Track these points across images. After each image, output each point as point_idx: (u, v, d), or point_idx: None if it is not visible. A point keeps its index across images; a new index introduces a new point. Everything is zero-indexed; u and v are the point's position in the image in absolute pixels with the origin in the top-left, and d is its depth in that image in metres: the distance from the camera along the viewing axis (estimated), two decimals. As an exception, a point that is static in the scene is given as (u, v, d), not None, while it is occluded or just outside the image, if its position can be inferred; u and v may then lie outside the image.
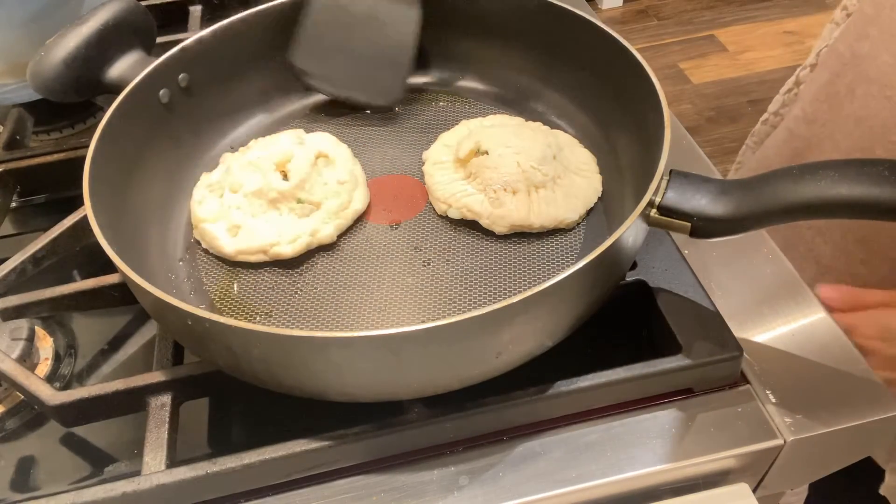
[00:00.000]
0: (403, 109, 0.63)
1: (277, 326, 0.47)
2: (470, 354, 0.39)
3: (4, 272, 0.51)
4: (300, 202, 0.51)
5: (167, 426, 0.44)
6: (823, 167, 0.40)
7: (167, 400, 0.45)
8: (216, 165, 0.59)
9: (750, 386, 0.46)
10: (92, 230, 0.42)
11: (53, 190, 0.66)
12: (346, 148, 0.56)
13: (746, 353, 0.46)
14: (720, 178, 0.47)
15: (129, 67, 0.56)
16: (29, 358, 0.50)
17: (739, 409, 0.45)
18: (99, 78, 0.56)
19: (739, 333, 0.47)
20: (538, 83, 0.62)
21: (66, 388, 0.51)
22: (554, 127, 0.58)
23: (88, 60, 0.55)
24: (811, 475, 0.50)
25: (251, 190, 0.51)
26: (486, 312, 0.36)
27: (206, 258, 0.52)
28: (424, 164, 0.56)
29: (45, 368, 0.51)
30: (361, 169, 0.56)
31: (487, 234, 0.52)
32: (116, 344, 0.55)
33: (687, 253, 0.52)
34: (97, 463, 0.48)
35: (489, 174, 0.51)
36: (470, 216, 0.52)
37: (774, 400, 0.45)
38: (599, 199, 0.53)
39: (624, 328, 0.50)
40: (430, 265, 0.50)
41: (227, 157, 0.56)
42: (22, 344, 0.49)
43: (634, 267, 0.50)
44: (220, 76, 0.59)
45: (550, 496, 0.42)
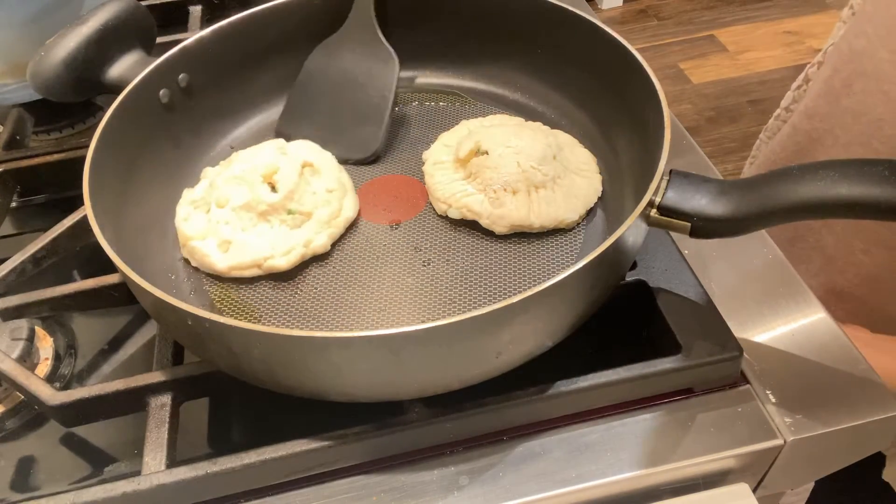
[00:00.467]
0: (403, 109, 0.63)
1: (277, 326, 0.47)
2: (470, 354, 0.39)
3: (4, 272, 0.51)
4: (291, 213, 0.50)
5: (167, 426, 0.44)
6: (823, 167, 0.40)
7: (167, 400, 0.45)
8: (216, 166, 0.59)
9: (750, 386, 0.46)
10: (92, 230, 0.42)
11: (53, 190, 0.66)
12: (329, 155, 0.56)
13: (746, 353, 0.46)
14: (720, 178, 0.47)
15: (129, 67, 0.56)
16: (29, 358, 0.50)
17: (739, 409, 0.45)
18: (99, 78, 0.56)
19: (739, 333, 0.47)
20: (538, 83, 0.62)
21: (66, 388, 0.51)
22: (554, 127, 0.58)
23: (88, 60, 0.55)
24: (811, 475, 0.50)
25: (239, 204, 0.50)
26: (486, 312, 0.36)
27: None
28: (424, 164, 0.56)
29: (45, 368, 0.51)
30: (348, 176, 0.55)
31: (487, 234, 0.52)
32: (116, 344, 0.55)
33: (687, 253, 0.52)
34: (97, 463, 0.48)
35: (489, 174, 0.51)
36: (470, 216, 0.52)
37: (774, 400, 0.45)
38: (599, 199, 0.53)
39: (624, 328, 0.50)
40: (430, 265, 0.50)
41: (208, 171, 0.55)
42: (22, 344, 0.49)
43: (634, 267, 0.50)
44: (220, 76, 0.59)
45: (550, 496, 0.42)
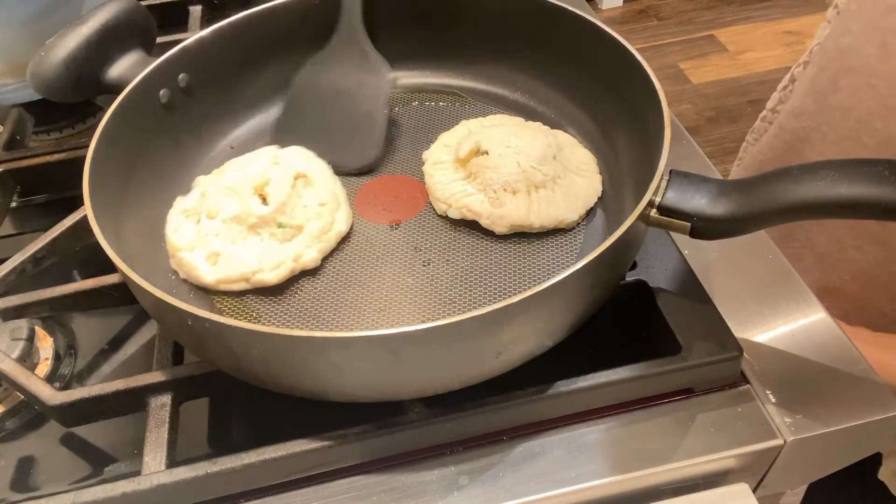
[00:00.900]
0: (403, 109, 0.63)
1: (277, 326, 0.47)
2: (470, 354, 0.39)
3: (4, 272, 0.51)
4: (281, 227, 0.49)
5: (167, 426, 0.44)
6: (823, 167, 0.40)
7: (167, 400, 0.45)
8: (216, 166, 0.59)
9: (750, 386, 0.46)
10: (92, 230, 0.42)
11: (53, 190, 0.66)
12: (323, 164, 0.55)
13: (746, 353, 0.46)
14: (720, 178, 0.47)
15: (129, 67, 0.56)
16: (29, 358, 0.50)
17: (739, 409, 0.45)
18: (99, 78, 0.56)
19: (739, 333, 0.47)
20: (538, 83, 0.62)
21: (66, 388, 0.51)
22: (554, 127, 0.58)
23: (88, 60, 0.55)
24: (811, 475, 0.50)
25: (230, 215, 0.49)
26: (485, 312, 0.36)
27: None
28: (424, 164, 0.56)
29: (45, 368, 0.51)
30: (342, 187, 0.54)
31: (487, 234, 0.52)
32: (116, 344, 0.55)
33: (687, 253, 0.52)
34: (97, 463, 0.48)
35: (489, 174, 0.51)
36: (470, 216, 0.52)
37: (774, 400, 0.45)
38: (599, 199, 0.53)
39: (624, 328, 0.50)
40: (430, 265, 0.50)
41: (200, 180, 0.54)
42: (22, 344, 0.49)
43: (634, 267, 0.50)
44: (220, 76, 0.59)
45: (550, 496, 0.42)
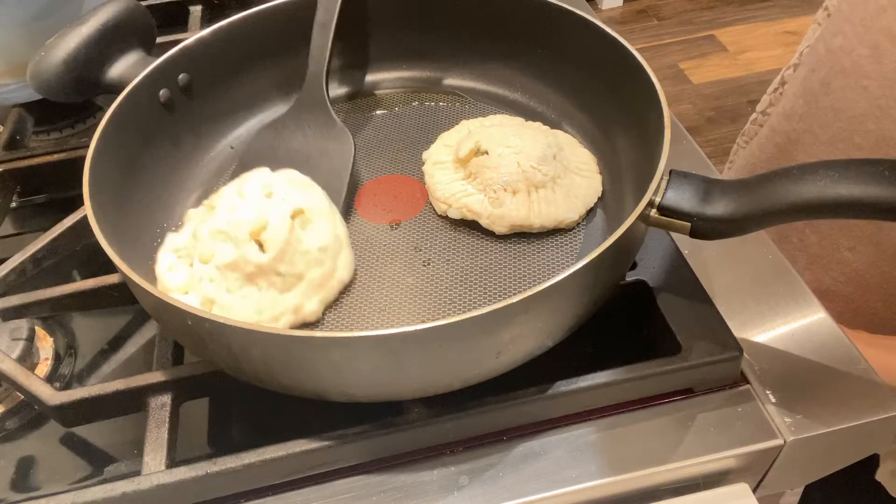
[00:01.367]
0: (403, 109, 0.63)
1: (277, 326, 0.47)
2: (470, 354, 0.39)
3: (4, 272, 0.51)
4: (280, 275, 0.45)
5: (167, 426, 0.44)
6: (823, 167, 0.40)
7: (167, 400, 0.45)
8: (216, 166, 0.59)
9: (750, 386, 0.46)
10: (92, 230, 0.42)
11: (53, 190, 0.66)
12: (320, 194, 0.50)
13: (746, 353, 0.46)
14: (720, 178, 0.47)
15: (129, 67, 0.56)
16: (29, 358, 0.50)
17: (739, 409, 0.45)
18: (99, 78, 0.56)
19: (739, 333, 0.47)
20: (538, 83, 0.62)
21: (66, 388, 0.51)
22: (554, 127, 0.58)
23: (88, 60, 0.55)
24: (811, 475, 0.50)
25: (224, 262, 0.45)
26: (485, 312, 0.36)
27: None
28: (424, 164, 0.56)
29: (45, 368, 0.51)
30: (342, 221, 0.50)
31: (487, 234, 0.52)
32: (116, 344, 0.55)
33: (687, 253, 0.52)
34: (97, 463, 0.48)
35: (489, 174, 0.51)
36: (470, 216, 0.52)
37: (774, 400, 0.45)
38: (599, 199, 0.53)
39: (624, 328, 0.50)
40: (430, 265, 0.50)
41: (192, 214, 0.50)
42: (22, 344, 0.49)
43: (634, 267, 0.50)
44: (220, 76, 0.59)
45: (550, 496, 0.42)
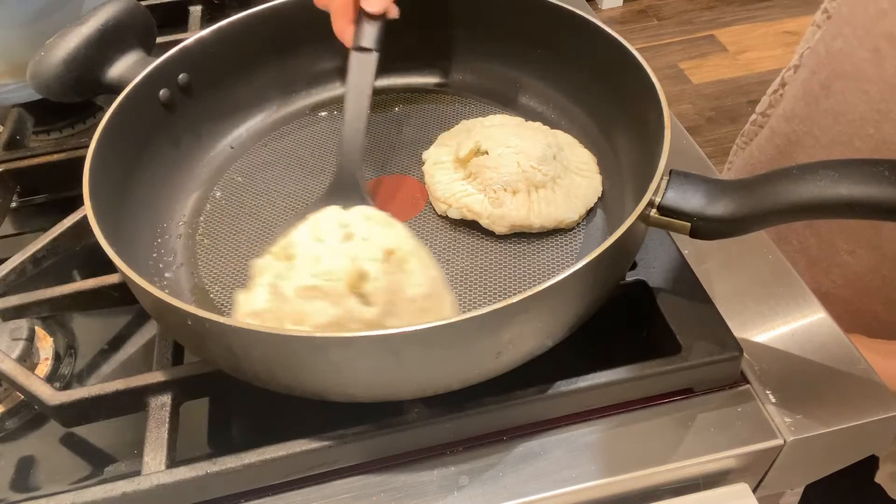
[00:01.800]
0: (403, 109, 0.63)
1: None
2: (470, 355, 0.39)
3: (4, 272, 0.51)
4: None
5: (167, 426, 0.44)
6: (823, 167, 0.40)
7: (167, 400, 0.45)
8: (216, 166, 0.59)
9: (750, 386, 0.46)
10: (92, 230, 0.42)
11: (53, 190, 0.66)
12: (401, 228, 0.44)
13: (746, 353, 0.46)
14: (720, 178, 0.47)
15: (129, 67, 0.56)
16: (29, 358, 0.50)
17: (739, 409, 0.45)
18: (99, 78, 0.56)
19: (739, 333, 0.47)
20: (538, 83, 0.62)
21: (66, 388, 0.51)
22: (554, 127, 0.58)
23: (88, 60, 0.55)
24: (811, 475, 0.50)
25: (324, 322, 0.40)
26: (485, 312, 0.36)
27: (206, 258, 0.52)
28: (424, 164, 0.56)
29: (45, 368, 0.51)
30: (433, 261, 0.44)
31: (487, 234, 0.52)
32: (116, 344, 0.54)
33: (687, 253, 0.52)
34: (97, 463, 0.48)
35: (489, 174, 0.51)
36: (470, 216, 0.52)
37: (774, 400, 0.45)
38: (599, 199, 0.53)
39: (624, 328, 0.50)
40: (430, 265, 0.50)
41: (261, 266, 0.43)
42: (22, 344, 0.49)
43: (634, 267, 0.50)
44: (220, 76, 0.59)
45: (550, 496, 0.42)
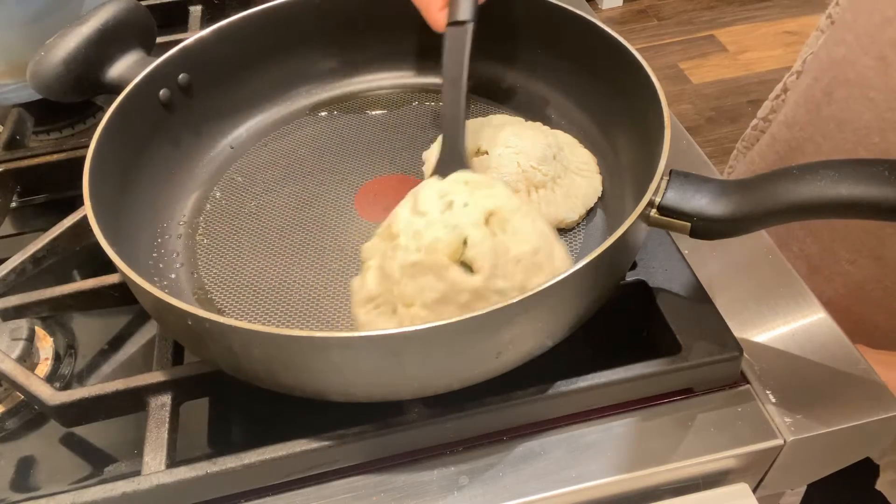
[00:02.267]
0: (403, 109, 0.63)
1: (277, 326, 0.47)
2: (470, 355, 0.39)
3: (4, 272, 0.51)
4: (500, 293, 0.40)
5: (167, 426, 0.44)
6: (823, 167, 0.40)
7: (167, 400, 0.45)
8: (216, 166, 0.59)
9: (750, 386, 0.46)
10: (92, 230, 0.42)
11: (53, 190, 0.66)
12: (502, 187, 0.43)
13: (746, 353, 0.46)
14: (720, 178, 0.47)
15: (129, 67, 0.56)
16: (29, 358, 0.50)
17: (739, 409, 0.45)
18: (99, 78, 0.56)
19: (739, 333, 0.47)
20: (538, 83, 0.62)
21: (66, 388, 0.51)
22: (554, 127, 0.58)
23: (88, 60, 0.55)
24: (811, 475, 0.50)
25: (432, 299, 0.40)
26: (485, 312, 0.36)
27: (206, 258, 0.52)
28: (424, 164, 0.56)
29: (45, 368, 0.51)
30: (540, 215, 0.43)
31: (487, 234, 0.52)
32: (116, 344, 0.54)
33: (687, 253, 0.52)
34: (97, 463, 0.48)
35: (489, 174, 0.51)
36: (470, 216, 0.52)
37: (774, 400, 0.45)
38: (599, 199, 0.53)
39: (624, 328, 0.50)
40: (430, 265, 0.50)
41: (370, 249, 0.44)
42: (22, 344, 0.49)
43: (634, 267, 0.50)
44: (220, 76, 0.59)
45: (550, 496, 0.42)
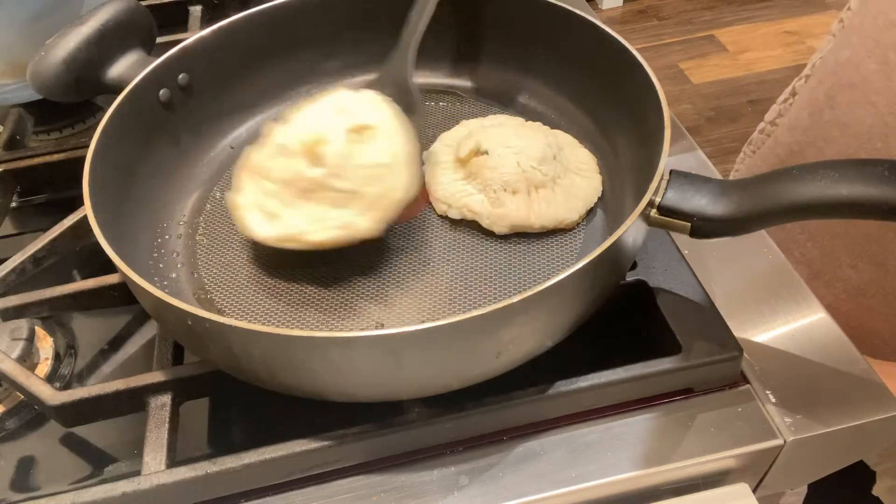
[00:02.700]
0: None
1: (277, 326, 0.47)
2: (469, 355, 0.39)
3: (4, 272, 0.51)
4: (335, 191, 0.46)
5: (167, 426, 0.44)
6: (823, 167, 0.40)
7: (167, 400, 0.45)
8: (216, 166, 0.59)
9: (750, 386, 0.46)
10: (92, 230, 0.42)
11: (53, 190, 0.66)
12: (393, 113, 0.49)
13: (746, 353, 0.46)
14: (720, 178, 0.47)
15: (129, 67, 0.56)
16: (29, 358, 0.50)
17: (739, 409, 0.45)
18: (99, 78, 0.56)
19: (739, 333, 0.47)
20: (538, 83, 0.62)
21: (66, 388, 0.51)
22: (554, 127, 0.58)
23: (88, 60, 0.55)
24: (811, 475, 0.50)
25: (281, 177, 0.47)
26: (485, 312, 0.36)
27: (206, 258, 0.52)
28: (424, 164, 0.56)
29: (45, 368, 0.51)
30: (412, 143, 0.48)
31: (487, 234, 0.52)
32: (116, 344, 0.55)
33: (687, 253, 0.52)
34: (97, 463, 0.48)
35: (489, 174, 0.51)
36: (470, 216, 0.52)
37: (774, 400, 0.45)
38: (599, 199, 0.53)
39: (624, 328, 0.50)
40: (429, 265, 0.50)
41: (269, 127, 0.51)
42: (22, 344, 0.49)
43: (634, 267, 0.50)
44: (220, 76, 0.59)
45: (550, 496, 0.42)
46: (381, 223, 0.47)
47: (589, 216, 0.53)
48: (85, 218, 0.45)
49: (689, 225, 0.43)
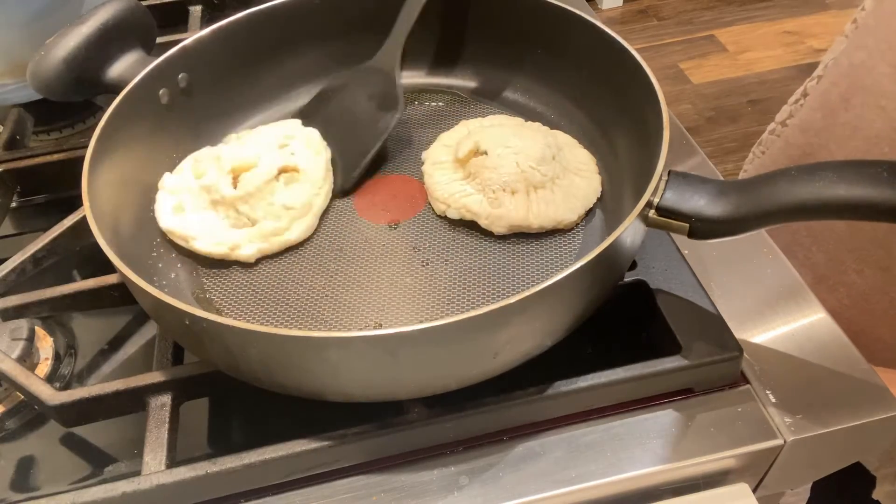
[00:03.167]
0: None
1: (275, 326, 0.47)
2: (468, 355, 0.39)
3: (4, 272, 0.51)
4: (237, 213, 0.51)
5: (167, 426, 0.44)
6: (822, 168, 0.40)
7: (167, 400, 0.45)
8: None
9: (750, 386, 0.46)
10: (92, 230, 0.42)
11: (53, 190, 0.66)
12: (325, 160, 0.55)
13: (746, 353, 0.46)
14: (720, 178, 0.47)
15: (129, 67, 0.56)
16: (29, 358, 0.50)
17: (739, 409, 0.45)
18: (99, 78, 0.56)
19: (739, 334, 0.47)
20: (538, 83, 0.62)
21: (66, 388, 0.51)
22: (553, 127, 0.58)
23: (88, 60, 0.55)
24: (811, 475, 0.50)
25: (203, 183, 0.51)
26: (483, 313, 0.36)
27: (205, 258, 0.52)
28: (424, 164, 0.56)
29: (45, 368, 0.51)
30: (326, 195, 0.54)
31: (486, 234, 0.52)
32: (116, 344, 0.55)
33: (687, 253, 0.52)
34: (97, 463, 0.48)
35: (488, 174, 0.51)
36: (469, 216, 0.52)
37: (774, 400, 0.45)
38: (599, 199, 0.53)
39: (624, 328, 0.50)
40: (428, 265, 0.50)
41: (229, 138, 0.57)
42: (22, 344, 0.49)
43: (634, 267, 0.50)
44: (219, 76, 0.59)
45: (550, 496, 0.42)
46: (261, 254, 0.51)
47: (588, 216, 0.53)
48: (85, 218, 0.45)
49: (687, 226, 0.43)
